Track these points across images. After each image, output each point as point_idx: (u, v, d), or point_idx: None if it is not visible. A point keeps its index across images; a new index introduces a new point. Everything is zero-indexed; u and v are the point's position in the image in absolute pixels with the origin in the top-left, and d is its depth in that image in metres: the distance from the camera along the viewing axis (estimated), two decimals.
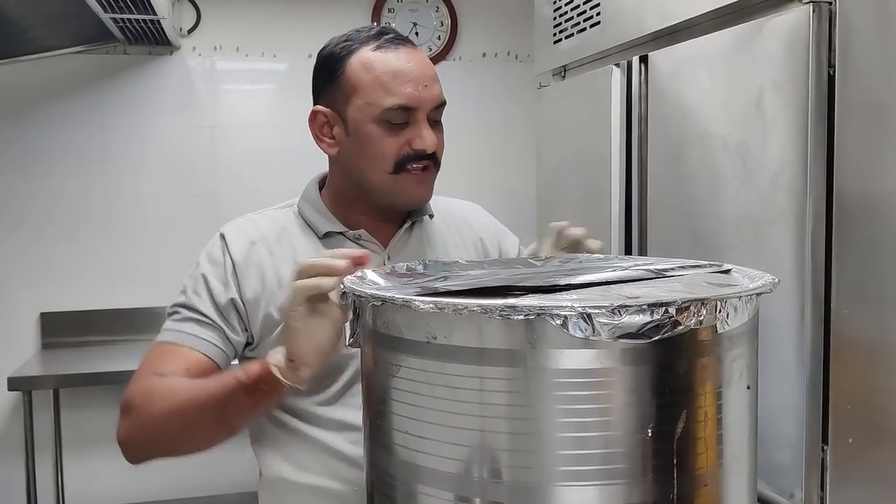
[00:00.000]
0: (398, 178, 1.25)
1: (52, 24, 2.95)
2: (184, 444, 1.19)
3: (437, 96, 1.26)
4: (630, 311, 0.71)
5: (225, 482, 3.39)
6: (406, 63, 1.24)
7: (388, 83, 1.22)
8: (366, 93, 1.23)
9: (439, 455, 0.77)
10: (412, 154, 1.24)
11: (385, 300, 0.80)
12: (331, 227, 1.30)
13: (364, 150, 1.25)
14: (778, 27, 1.28)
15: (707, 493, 0.77)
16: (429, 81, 1.24)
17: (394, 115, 1.22)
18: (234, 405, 1.08)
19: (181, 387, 1.16)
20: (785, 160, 1.26)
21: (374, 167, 1.25)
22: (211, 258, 1.30)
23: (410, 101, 1.22)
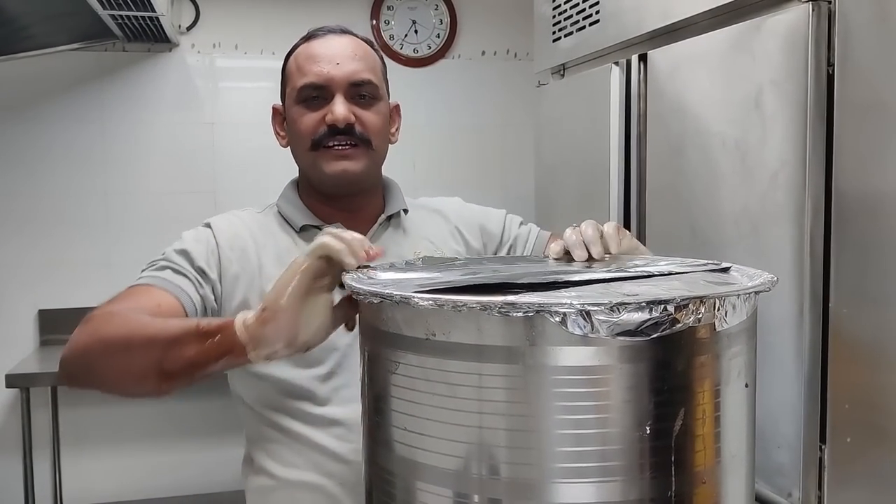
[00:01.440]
0: (317, 155, 1.29)
1: (51, 20, 2.95)
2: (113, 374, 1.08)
3: (349, 73, 1.28)
4: (629, 308, 0.71)
5: (222, 480, 3.39)
6: (323, 47, 1.31)
7: (303, 65, 1.31)
8: (291, 79, 1.34)
9: (438, 452, 0.77)
10: (326, 131, 1.27)
11: (384, 297, 0.79)
12: (307, 221, 1.34)
13: (292, 133, 1.33)
14: (777, 26, 1.28)
15: (705, 490, 0.77)
16: (342, 60, 1.29)
17: (306, 94, 1.29)
18: (180, 349, 0.99)
19: (143, 317, 1.09)
20: (784, 158, 1.26)
21: (299, 147, 1.32)
22: (196, 237, 1.31)
23: (318, 79, 1.28)
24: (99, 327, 1.09)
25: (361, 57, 1.31)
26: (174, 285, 1.21)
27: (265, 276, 1.27)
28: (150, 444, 3.35)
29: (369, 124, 1.30)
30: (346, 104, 1.28)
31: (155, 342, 1.02)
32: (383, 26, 3.53)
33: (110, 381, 1.11)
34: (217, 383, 1.29)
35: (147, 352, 1.02)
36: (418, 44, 3.57)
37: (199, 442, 3.38)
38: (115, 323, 1.08)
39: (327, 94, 1.28)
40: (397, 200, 1.41)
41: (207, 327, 0.98)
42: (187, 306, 1.20)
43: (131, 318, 1.09)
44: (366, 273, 0.94)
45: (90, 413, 3.31)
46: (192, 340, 0.99)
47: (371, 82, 1.31)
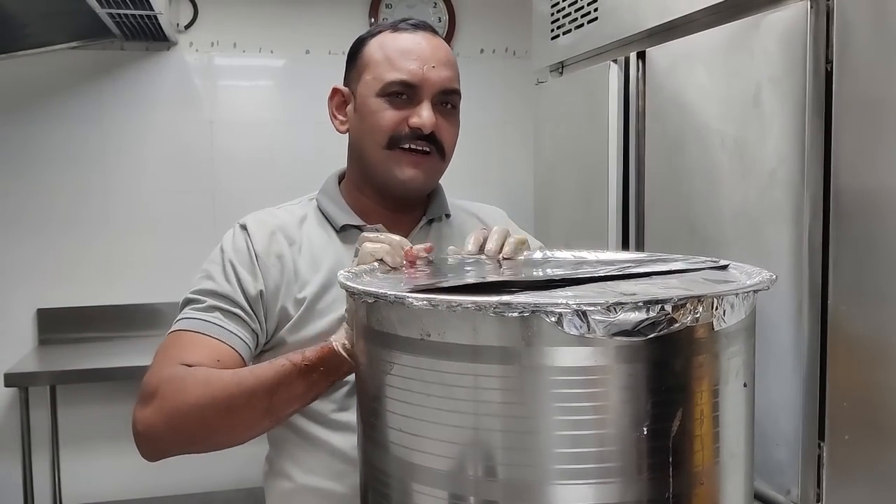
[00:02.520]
0: (391, 154, 1.24)
1: (49, 19, 2.94)
2: (220, 435, 1.10)
3: (443, 79, 1.24)
4: (626, 308, 0.71)
5: (221, 479, 3.39)
6: (417, 43, 1.25)
7: (394, 59, 1.24)
8: (374, 68, 1.25)
9: (434, 453, 0.76)
10: (408, 132, 1.23)
11: (378, 297, 0.79)
12: (348, 220, 1.30)
13: (364, 123, 1.26)
14: (775, 23, 1.27)
15: (703, 491, 0.77)
16: (437, 63, 1.24)
17: (395, 90, 1.23)
18: (287, 390, 1.03)
19: (221, 374, 1.09)
20: (782, 156, 1.26)
21: (371, 141, 1.25)
22: (235, 247, 1.26)
23: (412, 78, 1.23)
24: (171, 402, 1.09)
25: (452, 65, 1.28)
26: (228, 333, 1.18)
27: (300, 281, 1.24)
28: None
29: (447, 135, 1.27)
30: (431, 110, 1.23)
31: (256, 393, 1.05)
32: None
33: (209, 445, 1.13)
34: None
35: (251, 404, 1.05)
36: None
37: None
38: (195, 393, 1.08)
39: (415, 95, 1.23)
40: (441, 204, 1.37)
41: (310, 362, 1.02)
42: (244, 354, 1.19)
43: (213, 379, 1.09)
44: None
45: (89, 412, 3.31)
46: (297, 378, 1.03)
47: (458, 92, 1.29)
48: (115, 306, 3.32)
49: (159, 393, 1.10)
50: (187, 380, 1.10)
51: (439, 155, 1.27)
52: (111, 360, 3.00)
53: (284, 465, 1.27)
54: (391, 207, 1.32)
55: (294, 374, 1.03)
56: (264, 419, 1.07)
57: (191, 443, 1.12)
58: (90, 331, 3.29)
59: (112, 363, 2.95)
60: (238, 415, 1.06)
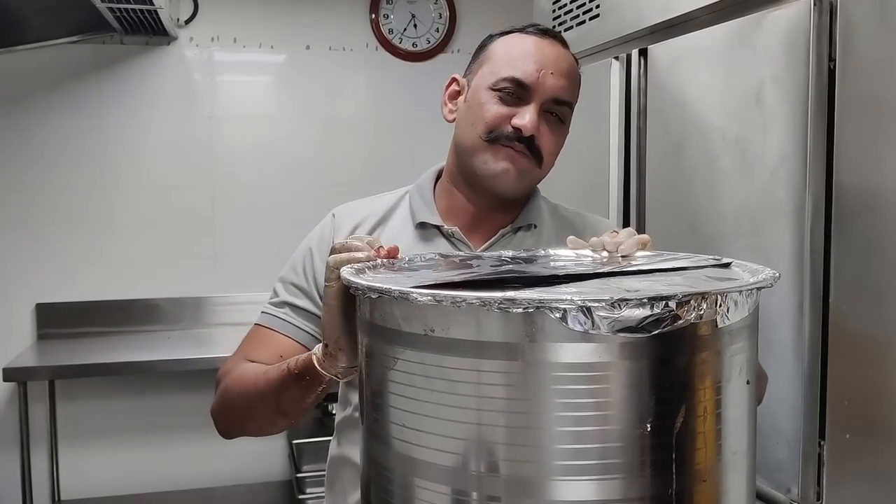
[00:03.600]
0: (487, 147, 1.24)
1: (48, 13, 2.94)
2: (251, 425, 1.23)
3: (556, 87, 1.23)
4: (630, 304, 0.71)
5: (220, 475, 3.39)
6: (540, 48, 1.25)
7: (514, 58, 1.24)
8: (493, 63, 1.26)
9: (436, 448, 0.76)
10: (510, 131, 1.22)
11: (382, 292, 0.79)
12: (427, 218, 1.30)
13: (470, 113, 1.26)
14: (778, 21, 1.27)
15: (706, 488, 0.77)
16: (556, 70, 1.23)
17: (507, 87, 1.23)
18: (287, 394, 1.10)
19: (252, 372, 1.20)
20: (784, 154, 1.26)
21: (472, 130, 1.25)
22: (320, 234, 1.32)
23: (526, 78, 1.22)
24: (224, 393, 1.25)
25: (571, 76, 1.27)
26: (294, 328, 1.27)
27: None
28: (147, 438, 3.35)
29: (548, 143, 1.25)
30: (537, 115, 1.22)
31: (266, 395, 1.14)
32: (382, 20, 3.52)
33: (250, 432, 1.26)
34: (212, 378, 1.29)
35: (264, 406, 1.15)
36: (417, 38, 3.56)
37: (195, 436, 3.37)
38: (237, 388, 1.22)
39: (525, 96, 1.23)
40: (531, 213, 1.34)
41: (296, 370, 1.08)
42: (309, 344, 1.25)
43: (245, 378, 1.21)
44: None
45: (87, 407, 3.31)
46: (292, 384, 1.09)
47: (570, 105, 1.27)
48: (114, 301, 3.32)
49: (220, 383, 1.26)
50: (233, 374, 1.24)
51: (536, 161, 1.25)
52: (110, 354, 2.99)
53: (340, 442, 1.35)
54: (480, 206, 1.30)
55: (289, 381, 1.09)
56: (277, 416, 1.16)
57: (240, 428, 1.26)
58: (89, 326, 3.29)
59: (111, 358, 2.95)
60: (257, 411, 1.18)
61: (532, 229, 1.33)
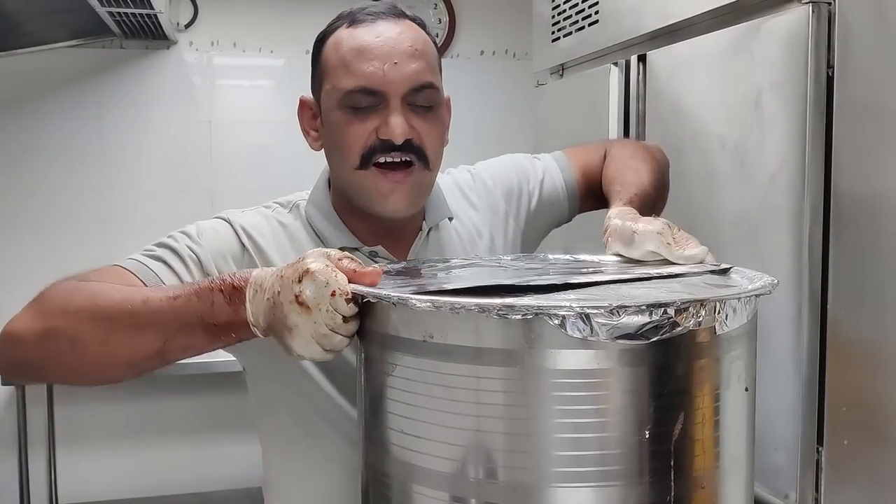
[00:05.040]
0: (366, 175, 1.07)
1: (49, 17, 2.94)
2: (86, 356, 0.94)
3: (409, 76, 1.05)
4: (629, 311, 0.71)
5: (219, 478, 3.38)
6: (374, 38, 1.06)
7: (350, 62, 1.06)
8: (332, 75, 1.08)
9: (435, 455, 0.76)
10: (379, 144, 1.05)
11: (381, 298, 0.79)
12: (344, 242, 1.12)
13: (332, 142, 1.10)
14: (777, 27, 1.28)
15: (704, 495, 0.77)
16: (400, 58, 1.05)
17: (356, 100, 1.05)
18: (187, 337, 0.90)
19: (121, 290, 0.95)
20: (783, 160, 1.26)
21: (342, 163, 1.09)
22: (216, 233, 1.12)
23: (371, 83, 1.04)
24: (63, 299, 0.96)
25: (421, 52, 1.07)
26: (158, 280, 1.04)
27: None
28: (145, 441, 3.34)
29: (428, 139, 1.08)
30: (403, 114, 1.06)
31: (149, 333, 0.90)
32: None
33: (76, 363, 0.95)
34: (213, 382, 1.29)
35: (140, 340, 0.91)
36: None
37: (194, 440, 3.37)
38: (84, 297, 0.95)
39: (380, 100, 1.05)
40: (438, 209, 1.20)
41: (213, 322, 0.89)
42: None
43: (107, 292, 0.95)
44: None
45: (86, 410, 3.30)
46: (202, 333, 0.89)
47: (432, 86, 1.08)
48: None
49: (44, 295, 1.00)
50: (79, 287, 0.97)
51: (422, 164, 1.08)
52: None
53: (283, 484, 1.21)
54: (385, 228, 1.14)
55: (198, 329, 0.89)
56: (149, 360, 0.92)
57: (52, 356, 0.96)
58: None
59: None
60: (118, 341, 0.92)
61: (449, 222, 1.21)
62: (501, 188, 1.30)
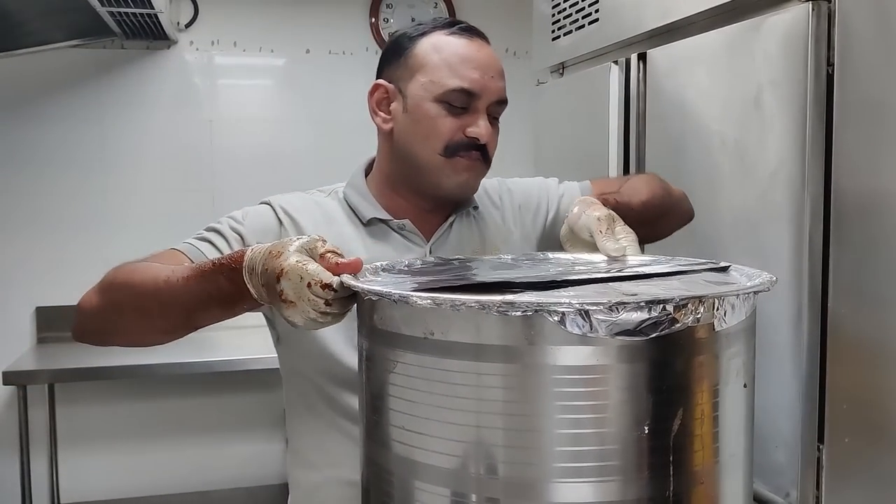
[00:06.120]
0: (448, 161, 1.24)
1: (49, 17, 2.94)
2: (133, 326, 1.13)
3: (500, 90, 1.26)
4: (628, 308, 0.71)
5: (219, 479, 3.39)
6: (476, 51, 1.25)
7: (455, 65, 1.23)
8: (431, 71, 1.24)
9: (436, 451, 0.76)
10: (465, 141, 1.23)
11: (382, 295, 0.79)
12: (375, 214, 1.29)
13: (419, 127, 1.25)
14: (777, 25, 1.28)
15: (703, 491, 0.77)
16: (495, 73, 1.25)
17: (455, 98, 1.22)
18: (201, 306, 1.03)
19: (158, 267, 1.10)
20: (783, 158, 1.26)
21: (426, 146, 1.24)
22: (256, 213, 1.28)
23: (474, 87, 1.22)
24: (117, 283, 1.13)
25: (503, 75, 1.28)
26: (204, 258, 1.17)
27: None
28: (146, 441, 3.35)
29: (492, 144, 1.27)
30: (488, 122, 1.25)
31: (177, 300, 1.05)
32: (382, 24, 3.53)
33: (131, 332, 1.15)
34: (214, 382, 1.29)
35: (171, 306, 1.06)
36: None
37: (195, 440, 3.37)
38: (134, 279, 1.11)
39: (473, 103, 1.23)
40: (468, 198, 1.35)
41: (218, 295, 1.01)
42: None
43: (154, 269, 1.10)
44: None
45: (87, 410, 3.31)
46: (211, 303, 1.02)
47: (506, 104, 1.29)
48: None
49: (106, 274, 1.17)
50: (128, 268, 1.14)
51: (487, 163, 1.28)
52: (110, 358, 2.98)
53: (311, 456, 1.29)
54: (425, 207, 1.31)
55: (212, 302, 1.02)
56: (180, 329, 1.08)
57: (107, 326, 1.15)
58: None
59: (110, 362, 2.94)
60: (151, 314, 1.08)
61: (474, 210, 1.36)
62: (522, 196, 1.43)
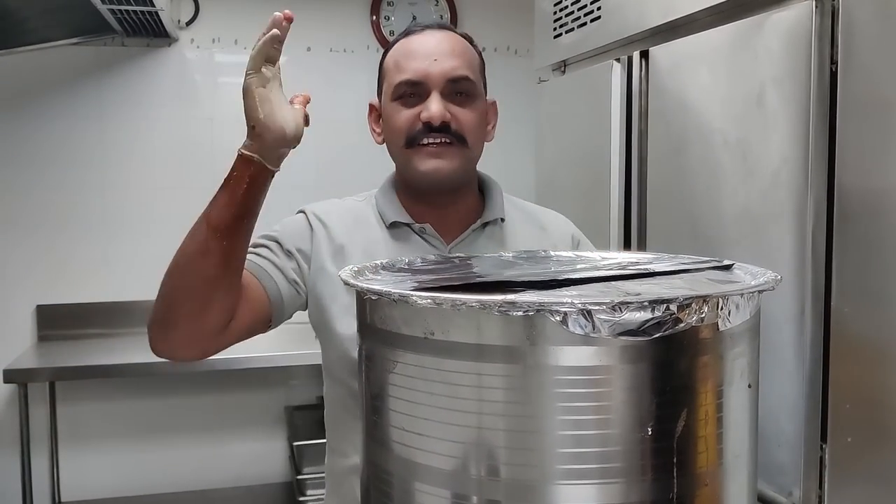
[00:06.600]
0: (411, 152, 1.27)
1: (49, 14, 2.94)
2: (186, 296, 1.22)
3: (446, 69, 1.26)
4: (631, 307, 0.71)
5: (220, 477, 3.38)
6: (421, 43, 1.29)
7: (400, 62, 1.29)
8: (387, 76, 1.32)
9: (436, 452, 0.76)
10: (421, 128, 1.26)
11: (382, 295, 0.79)
12: (397, 217, 1.33)
13: (387, 129, 1.32)
14: (780, 23, 1.27)
15: (707, 492, 0.76)
16: (439, 56, 1.26)
17: (404, 91, 1.27)
18: (216, 207, 1.15)
19: None
20: (786, 156, 1.26)
21: (394, 144, 1.31)
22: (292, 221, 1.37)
23: (416, 76, 1.26)
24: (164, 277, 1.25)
25: (459, 53, 1.29)
26: (254, 265, 1.27)
27: None
28: (147, 439, 3.34)
29: (465, 122, 1.27)
30: (442, 101, 1.26)
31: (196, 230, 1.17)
32: (383, 22, 3.52)
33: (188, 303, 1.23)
34: (214, 381, 1.29)
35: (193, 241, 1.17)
36: None
37: (195, 438, 3.37)
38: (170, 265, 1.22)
39: (423, 91, 1.26)
40: (496, 207, 1.37)
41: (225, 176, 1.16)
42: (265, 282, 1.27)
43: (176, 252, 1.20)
44: None
45: (88, 408, 3.30)
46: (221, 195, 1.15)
47: (468, 79, 1.28)
48: (115, 303, 3.32)
49: None
50: None
51: (460, 143, 1.27)
52: (110, 356, 2.99)
53: (341, 445, 1.36)
54: (436, 207, 1.33)
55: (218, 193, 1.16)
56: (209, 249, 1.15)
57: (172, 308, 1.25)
58: (89, 327, 3.28)
59: (111, 360, 2.94)
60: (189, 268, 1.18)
61: (500, 223, 1.37)
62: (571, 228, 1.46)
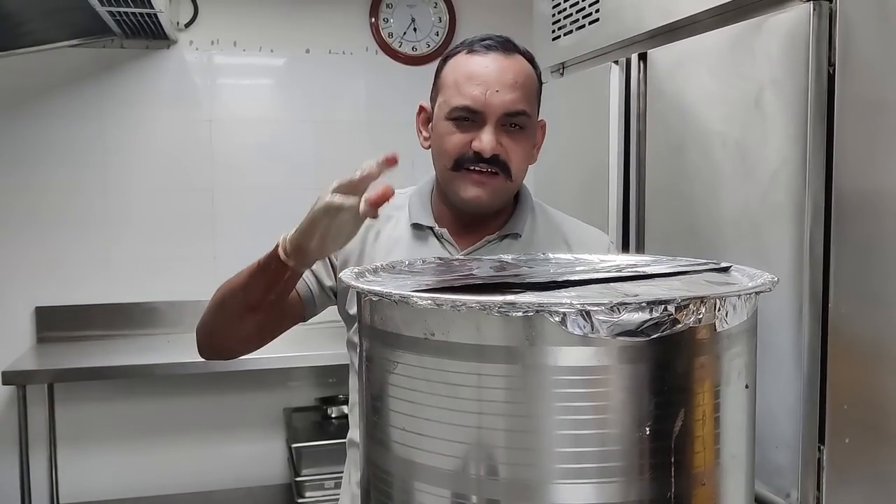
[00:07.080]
0: (456, 176, 1.30)
1: (49, 16, 2.94)
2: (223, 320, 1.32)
3: (506, 103, 1.26)
4: (629, 308, 0.71)
5: (219, 479, 3.38)
6: (484, 67, 1.28)
7: (461, 84, 1.28)
8: (445, 91, 1.31)
9: (436, 452, 0.76)
10: (472, 155, 1.27)
11: (383, 296, 0.79)
12: (419, 219, 1.37)
13: (436, 144, 1.34)
14: (778, 25, 1.28)
15: (704, 492, 0.77)
16: (501, 87, 1.26)
17: (460, 115, 1.28)
18: (254, 283, 1.23)
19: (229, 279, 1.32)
20: (784, 158, 1.26)
21: (440, 162, 1.33)
22: None
23: (474, 104, 1.26)
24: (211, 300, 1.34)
25: (521, 84, 1.29)
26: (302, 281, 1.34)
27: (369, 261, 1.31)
28: (146, 441, 3.34)
29: (513, 155, 1.29)
30: (495, 133, 1.27)
31: (236, 290, 1.27)
32: (382, 24, 3.52)
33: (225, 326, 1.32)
34: (213, 382, 1.29)
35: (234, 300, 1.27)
36: (417, 42, 3.57)
37: (195, 440, 3.37)
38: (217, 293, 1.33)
39: (479, 119, 1.27)
40: (517, 222, 1.38)
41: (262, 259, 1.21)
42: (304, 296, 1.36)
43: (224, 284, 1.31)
44: None
45: (87, 410, 3.31)
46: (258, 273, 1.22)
47: (524, 113, 1.29)
48: (114, 304, 3.32)
49: None
50: None
51: (505, 175, 1.29)
52: (109, 358, 2.99)
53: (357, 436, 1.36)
54: (463, 220, 1.37)
55: (256, 270, 1.23)
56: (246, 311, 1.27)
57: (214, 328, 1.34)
58: (88, 329, 3.29)
59: (110, 361, 2.94)
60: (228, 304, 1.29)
61: (517, 238, 1.38)
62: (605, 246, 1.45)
